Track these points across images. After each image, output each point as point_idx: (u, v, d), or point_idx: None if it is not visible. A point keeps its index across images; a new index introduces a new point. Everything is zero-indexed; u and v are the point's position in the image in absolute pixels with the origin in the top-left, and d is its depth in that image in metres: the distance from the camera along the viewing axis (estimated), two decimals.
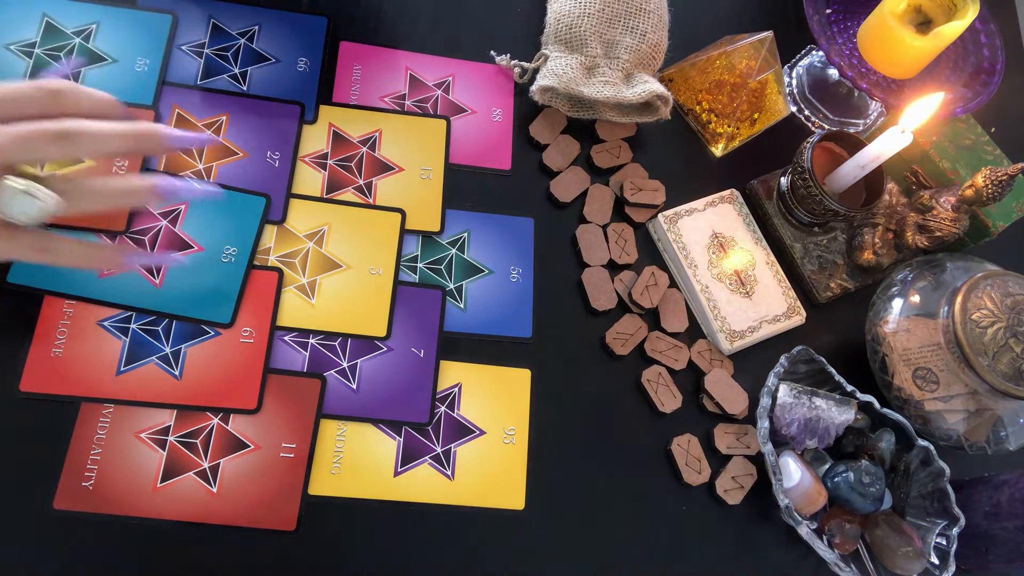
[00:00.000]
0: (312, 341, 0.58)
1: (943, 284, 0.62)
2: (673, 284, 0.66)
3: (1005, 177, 0.62)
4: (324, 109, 0.65)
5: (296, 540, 0.52)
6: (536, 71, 0.69)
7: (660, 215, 0.66)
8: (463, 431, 0.58)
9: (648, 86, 0.66)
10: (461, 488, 0.56)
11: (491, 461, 0.57)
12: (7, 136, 0.43)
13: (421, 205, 0.64)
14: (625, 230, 0.66)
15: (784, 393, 0.60)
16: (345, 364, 0.57)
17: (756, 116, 0.73)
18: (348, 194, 0.63)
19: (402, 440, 0.56)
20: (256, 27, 0.66)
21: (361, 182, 0.63)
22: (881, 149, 0.61)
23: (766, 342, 0.65)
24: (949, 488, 0.59)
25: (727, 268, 0.65)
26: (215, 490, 0.52)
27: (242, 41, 0.66)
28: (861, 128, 0.77)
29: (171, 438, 0.53)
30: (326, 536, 0.53)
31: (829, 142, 0.68)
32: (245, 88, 0.64)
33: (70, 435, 0.52)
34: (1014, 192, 0.70)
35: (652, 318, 0.65)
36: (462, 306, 0.61)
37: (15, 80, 0.45)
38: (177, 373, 0.55)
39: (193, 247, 0.58)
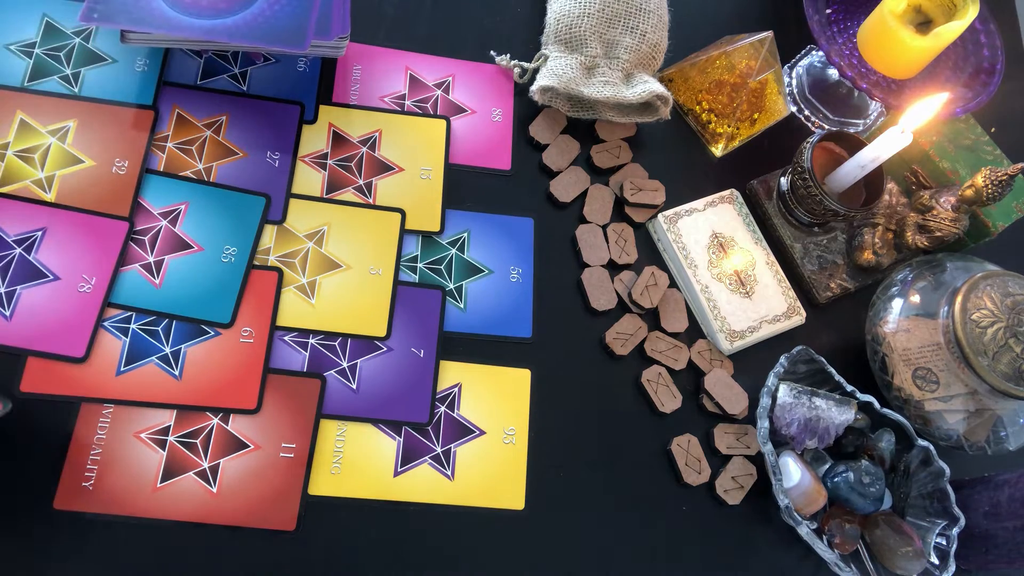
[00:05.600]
0: (312, 341, 0.58)
1: (943, 284, 0.62)
2: (673, 284, 0.66)
3: (1005, 177, 0.62)
4: (324, 109, 0.65)
5: (296, 540, 0.52)
6: (536, 71, 0.69)
7: (660, 215, 0.66)
8: (463, 431, 0.58)
9: (648, 86, 0.66)
10: (461, 488, 0.56)
11: (491, 461, 0.57)
12: None
13: (421, 205, 0.64)
14: (625, 230, 0.66)
15: (784, 393, 0.60)
16: (345, 364, 0.57)
17: (756, 116, 0.73)
18: (348, 194, 0.63)
19: (402, 440, 0.56)
20: None
21: (361, 182, 0.63)
22: (881, 149, 0.61)
23: (766, 342, 0.65)
24: (949, 488, 0.59)
25: (727, 268, 0.65)
26: (215, 490, 0.52)
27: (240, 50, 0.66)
28: (861, 128, 0.77)
29: (171, 438, 0.53)
30: (326, 536, 0.53)
31: (829, 142, 0.68)
32: (245, 88, 0.64)
33: (70, 435, 0.52)
34: (1014, 192, 0.70)
35: (652, 318, 0.65)
36: (462, 306, 0.61)
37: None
38: (177, 373, 0.55)
39: (193, 247, 0.58)
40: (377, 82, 0.67)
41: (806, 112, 0.76)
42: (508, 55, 0.70)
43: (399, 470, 0.56)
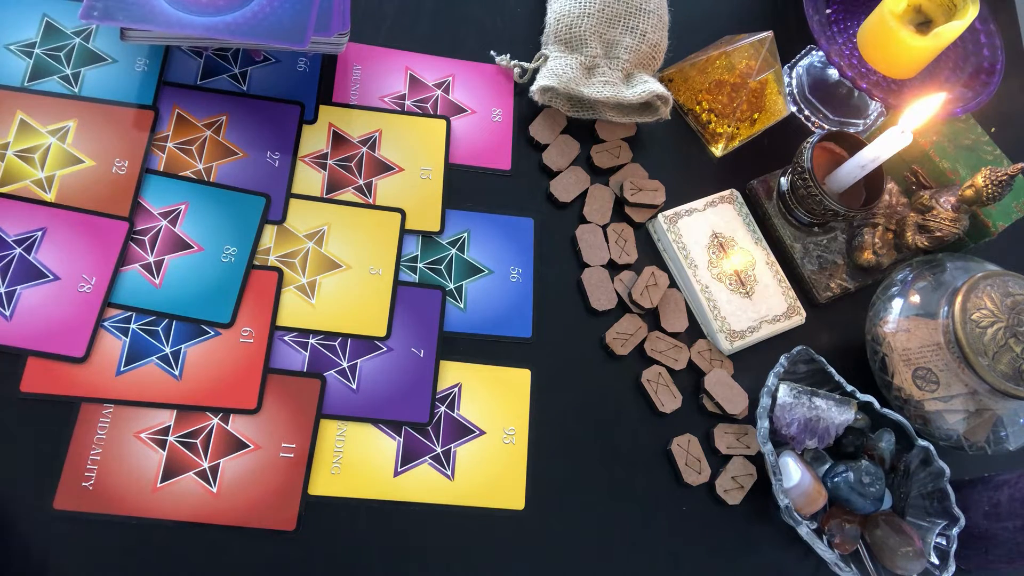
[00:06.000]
0: (312, 341, 0.58)
1: (943, 284, 0.62)
2: (673, 284, 0.66)
3: (1005, 177, 0.62)
4: (324, 109, 0.65)
5: (296, 540, 0.52)
6: (536, 71, 0.69)
7: (660, 215, 0.66)
8: (463, 431, 0.58)
9: (648, 86, 0.66)
10: (461, 488, 0.56)
11: (491, 461, 0.57)
12: None
13: (421, 205, 0.64)
14: (625, 230, 0.66)
15: (784, 393, 0.60)
16: (345, 364, 0.57)
17: (756, 116, 0.73)
18: (348, 194, 0.63)
19: (402, 440, 0.56)
20: None
21: (361, 182, 0.63)
22: (881, 149, 0.61)
23: (766, 342, 0.65)
24: (949, 488, 0.59)
25: (727, 268, 0.65)
26: (215, 490, 0.52)
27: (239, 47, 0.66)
28: (861, 128, 0.77)
29: (171, 438, 0.53)
30: (326, 536, 0.53)
31: (829, 142, 0.68)
32: (245, 88, 0.64)
33: (70, 435, 0.52)
34: (1014, 192, 0.70)
35: (652, 318, 0.65)
36: (462, 306, 0.61)
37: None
38: (177, 373, 0.55)
39: (193, 247, 0.58)
40: (377, 82, 0.67)
41: (806, 112, 0.76)
42: (508, 55, 0.70)
43: (399, 470, 0.56)
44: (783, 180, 0.69)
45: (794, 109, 0.76)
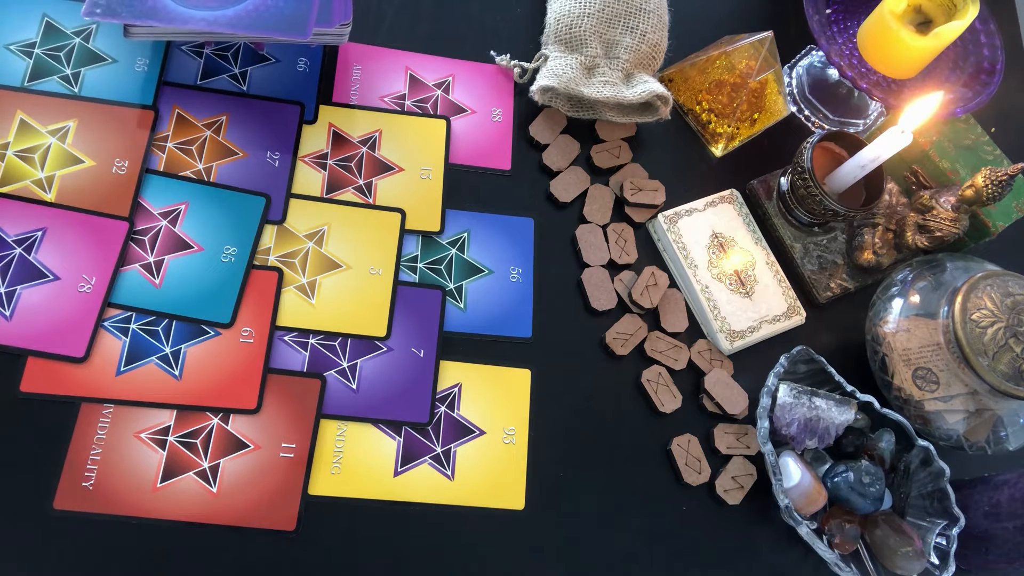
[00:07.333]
0: (312, 341, 0.58)
1: (943, 284, 0.62)
2: (673, 284, 0.66)
3: (1005, 177, 0.62)
4: (324, 109, 0.65)
5: (296, 540, 0.52)
6: (536, 71, 0.69)
7: (660, 215, 0.66)
8: (463, 431, 0.58)
9: (648, 86, 0.66)
10: (461, 488, 0.56)
11: (491, 461, 0.57)
12: None
13: (421, 205, 0.64)
14: (625, 230, 0.66)
15: (784, 393, 0.60)
16: (345, 364, 0.57)
17: (756, 116, 0.73)
18: (348, 194, 0.63)
19: (402, 440, 0.56)
20: None
21: (361, 182, 0.63)
22: (881, 149, 0.61)
23: (766, 342, 0.65)
24: (949, 488, 0.59)
25: (727, 268, 0.65)
26: (215, 490, 0.52)
27: (242, 41, 0.66)
28: (861, 128, 0.77)
29: (171, 438, 0.53)
30: (326, 536, 0.53)
31: (829, 142, 0.68)
32: (245, 88, 0.64)
33: (70, 435, 0.52)
34: (1014, 192, 0.70)
35: (652, 318, 0.65)
36: (462, 306, 0.61)
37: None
38: (177, 373, 0.55)
39: (193, 247, 0.58)
40: (377, 82, 0.67)
41: (806, 112, 0.76)
42: (508, 55, 0.70)
43: (399, 470, 0.56)
44: (783, 180, 0.69)
45: (794, 109, 0.76)
